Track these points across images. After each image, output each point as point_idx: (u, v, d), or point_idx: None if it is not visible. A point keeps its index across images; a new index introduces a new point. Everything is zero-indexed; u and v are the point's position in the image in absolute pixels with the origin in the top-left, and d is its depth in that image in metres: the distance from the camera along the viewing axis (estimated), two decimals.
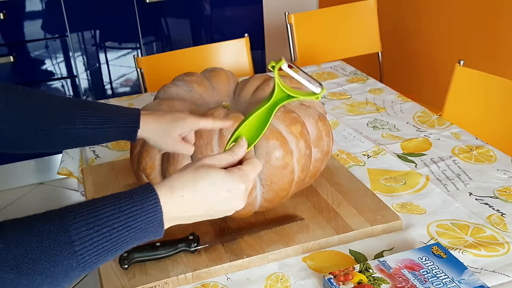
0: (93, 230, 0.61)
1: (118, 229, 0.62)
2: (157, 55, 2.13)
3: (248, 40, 2.10)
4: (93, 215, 0.62)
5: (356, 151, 1.35)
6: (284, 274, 0.95)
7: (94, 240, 0.61)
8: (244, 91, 1.13)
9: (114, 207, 0.63)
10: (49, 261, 0.59)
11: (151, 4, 2.55)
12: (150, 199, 0.65)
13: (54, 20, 2.46)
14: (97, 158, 1.37)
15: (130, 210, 0.63)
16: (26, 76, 2.51)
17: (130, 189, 0.66)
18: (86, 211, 0.62)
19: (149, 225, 0.64)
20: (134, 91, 2.71)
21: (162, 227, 0.66)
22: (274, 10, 3.12)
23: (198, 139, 0.96)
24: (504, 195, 1.15)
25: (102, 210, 0.62)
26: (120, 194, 0.65)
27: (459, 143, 1.37)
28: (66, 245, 0.60)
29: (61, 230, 0.60)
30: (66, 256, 0.60)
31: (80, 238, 0.60)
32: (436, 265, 0.90)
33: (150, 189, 0.66)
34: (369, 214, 1.06)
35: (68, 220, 0.61)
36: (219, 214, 0.71)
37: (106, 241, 0.62)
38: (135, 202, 0.64)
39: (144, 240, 0.66)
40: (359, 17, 2.40)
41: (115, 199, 0.64)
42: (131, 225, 0.63)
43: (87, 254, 0.61)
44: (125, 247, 0.64)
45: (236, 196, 0.69)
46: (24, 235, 0.59)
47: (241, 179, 0.70)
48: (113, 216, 0.62)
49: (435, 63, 2.56)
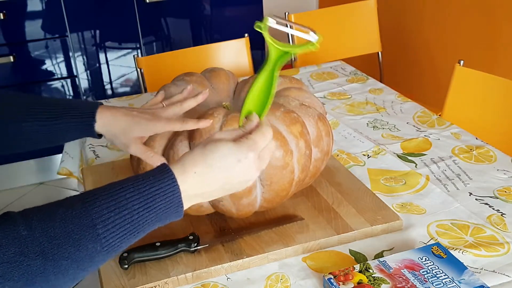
0: (114, 213, 0.62)
1: (138, 211, 0.63)
2: (157, 55, 2.13)
3: (248, 40, 2.10)
4: (113, 198, 0.63)
5: (356, 151, 1.35)
6: (284, 274, 0.95)
7: (116, 222, 0.62)
8: (244, 91, 1.13)
9: (133, 189, 0.64)
10: (73, 246, 0.60)
11: (151, 4, 2.55)
12: (167, 179, 0.65)
13: (54, 20, 2.46)
14: (97, 158, 1.37)
15: (149, 191, 0.64)
16: (26, 76, 2.51)
17: (148, 171, 0.67)
18: (105, 194, 0.63)
19: (169, 205, 0.65)
20: (134, 91, 2.71)
21: (181, 207, 0.66)
22: (274, 10, 3.12)
23: (198, 138, 0.96)
24: (504, 195, 1.15)
25: (121, 193, 0.63)
26: (138, 177, 0.66)
27: (459, 143, 1.37)
28: (89, 229, 0.60)
29: (83, 214, 0.61)
30: (90, 239, 0.61)
31: (102, 221, 0.61)
32: (436, 265, 0.90)
33: (166, 170, 0.66)
34: (369, 214, 1.06)
35: (89, 205, 0.62)
36: (235, 187, 0.71)
37: (128, 223, 0.63)
38: (153, 183, 0.65)
39: (166, 221, 0.66)
40: (359, 17, 2.40)
41: (133, 181, 0.65)
42: (151, 206, 0.64)
43: (110, 236, 0.62)
44: (147, 228, 0.65)
45: (248, 166, 0.69)
46: (47, 222, 0.60)
47: (250, 147, 0.69)
48: (132, 198, 0.63)
49: (435, 63, 2.56)
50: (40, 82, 2.55)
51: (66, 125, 0.91)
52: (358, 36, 2.41)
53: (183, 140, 0.97)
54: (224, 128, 0.95)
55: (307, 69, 1.90)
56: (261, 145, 0.71)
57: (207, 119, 0.94)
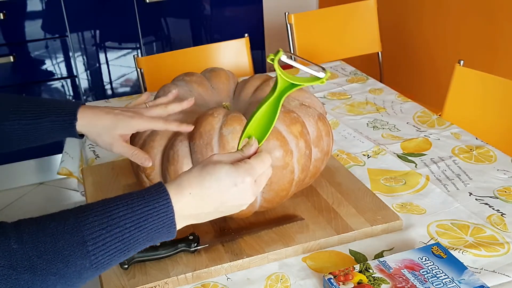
0: (105, 230, 0.61)
1: (130, 229, 0.63)
2: (157, 55, 2.13)
3: (248, 40, 2.10)
4: (106, 215, 0.62)
5: (356, 151, 1.35)
6: (284, 274, 0.95)
7: (107, 240, 0.61)
8: (244, 91, 1.13)
9: (126, 207, 0.63)
10: (62, 262, 0.60)
11: (151, 4, 2.55)
12: (162, 199, 0.65)
13: (54, 20, 2.46)
14: (97, 158, 1.37)
15: (142, 210, 0.63)
16: (26, 76, 2.51)
17: (143, 189, 0.66)
18: (99, 211, 0.62)
19: (162, 225, 0.65)
20: (134, 91, 2.71)
21: (174, 228, 0.66)
22: (274, 10, 3.13)
23: (198, 139, 0.96)
24: (504, 195, 1.15)
25: (115, 210, 0.63)
26: (132, 194, 0.65)
27: (459, 143, 1.37)
28: (79, 245, 0.60)
29: (75, 230, 0.61)
30: (79, 256, 0.60)
31: (93, 238, 0.61)
32: (436, 265, 0.90)
33: (162, 189, 0.66)
34: (369, 214, 1.06)
35: (81, 220, 0.61)
36: (230, 210, 0.70)
37: (119, 241, 0.62)
38: (147, 202, 0.64)
39: (157, 241, 0.66)
40: (359, 17, 2.40)
41: (127, 199, 0.64)
42: (143, 225, 0.63)
43: (100, 254, 0.61)
44: (138, 247, 0.64)
45: (244, 190, 0.69)
46: (38, 236, 0.60)
47: (247, 172, 0.69)
48: (125, 216, 0.63)
49: (435, 63, 2.56)
50: (40, 82, 2.55)
51: (48, 124, 0.90)
52: (358, 36, 2.41)
53: (183, 140, 0.97)
54: (224, 128, 0.95)
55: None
56: (258, 171, 0.71)
57: (189, 125, 0.95)
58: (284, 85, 0.75)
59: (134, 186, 1.18)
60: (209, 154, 0.94)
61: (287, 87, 0.75)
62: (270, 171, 0.73)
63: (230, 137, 0.94)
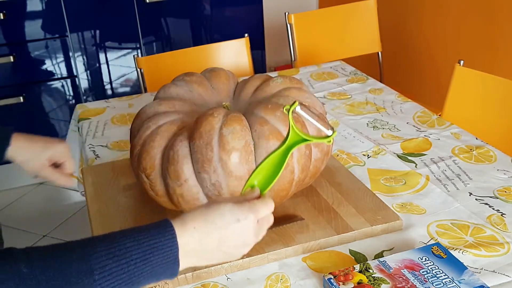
0: (112, 260, 0.64)
1: (136, 261, 0.65)
2: (157, 55, 2.13)
3: (248, 40, 2.10)
4: (113, 246, 0.65)
5: (356, 151, 1.35)
6: (284, 274, 0.95)
7: (113, 270, 0.63)
8: (244, 91, 1.13)
9: (133, 239, 0.66)
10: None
11: (151, 4, 2.55)
12: (167, 233, 0.67)
13: (54, 20, 2.46)
14: (97, 158, 1.37)
15: (148, 243, 0.66)
16: (26, 76, 2.51)
17: (149, 224, 0.69)
18: (107, 241, 0.65)
19: (166, 259, 0.67)
20: (134, 91, 2.71)
21: (177, 264, 0.68)
22: (274, 10, 3.12)
23: (198, 139, 0.96)
24: (504, 195, 1.15)
25: (122, 241, 0.65)
26: (140, 228, 0.68)
27: (459, 143, 1.37)
28: (87, 274, 0.62)
29: (83, 258, 0.63)
30: (86, 284, 0.62)
31: (100, 267, 0.63)
32: (436, 265, 0.90)
33: (168, 224, 0.68)
34: (369, 214, 1.06)
35: (89, 250, 0.64)
36: (232, 251, 0.72)
37: (124, 272, 0.64)
38: (154, 236, 0.67)
39: (159, 278, 0.68)
40: (359, 17, 2.40)
41: (134, 232, 0.67)
42: (148, 258, 0.65)
43: (106, 284, 0.63)
44: (142, 282, 0.66)
45: (247, 227, 0.71)
46: (48, 262, 0.62)
47: (250, 209, 0.72)
48: (132, 248, 0.65)
49: (435, 63, 2.56)
50: (40, 82, 2.55)
51: None
52: (358, 36, 2.41)
53: (183, 140, 0.97)
54: (224, 128, 0.95)
55: (307, 69, 1.90)
56: (261, 212, 0.73)
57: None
58: (295, 139, 0.77)
59: (134, 186, 1.18)
60: (209, 154, 0.94)
61: (297, 140, 0.77)
62: (272, 219, 0.76)
63: (230, 137, 0.94)
